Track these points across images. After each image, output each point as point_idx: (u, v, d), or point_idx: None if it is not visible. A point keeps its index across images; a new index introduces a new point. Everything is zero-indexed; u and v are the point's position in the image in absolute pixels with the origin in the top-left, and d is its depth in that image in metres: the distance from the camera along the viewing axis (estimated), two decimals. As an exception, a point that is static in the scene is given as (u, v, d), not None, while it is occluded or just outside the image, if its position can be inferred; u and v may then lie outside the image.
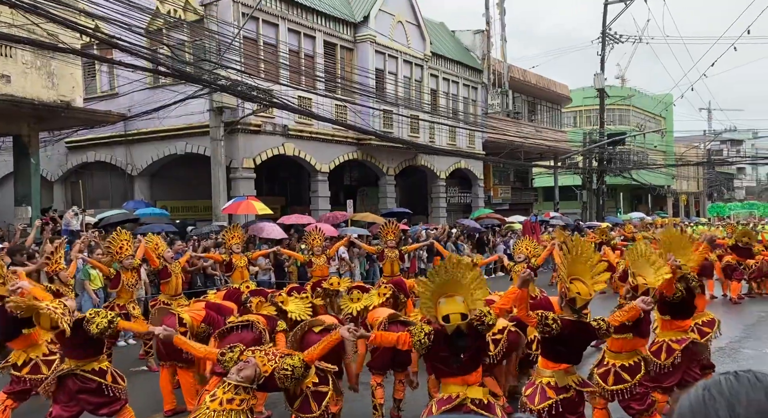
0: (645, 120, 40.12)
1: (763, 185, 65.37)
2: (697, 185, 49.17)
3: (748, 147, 62.08)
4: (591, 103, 34.28)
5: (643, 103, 39.97)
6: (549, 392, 3.94)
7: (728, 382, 0.86)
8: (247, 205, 13.18)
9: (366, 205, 20.80)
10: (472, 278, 3.76)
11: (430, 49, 21.10)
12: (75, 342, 4.36)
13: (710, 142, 49.71)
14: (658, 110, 38.07)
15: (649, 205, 40.64)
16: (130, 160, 17.17)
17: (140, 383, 6.76)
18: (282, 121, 15.91)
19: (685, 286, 5.24)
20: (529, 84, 27.49)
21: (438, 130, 21.24)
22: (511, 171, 29.50)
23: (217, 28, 13.51)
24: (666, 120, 42.23)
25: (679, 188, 45.79)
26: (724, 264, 12.42)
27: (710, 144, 49.62)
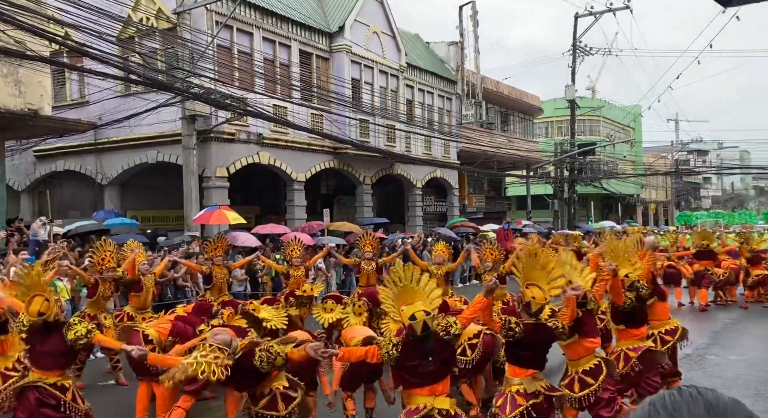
0: (615, 130, 41.06)
1: (728, 195, 67.33)
2: (665, 194, 50.40)
3: (714, 157, 64.03)
4: (562, 114, 34.94)
5: (613, 114, 40.93)
6: (519, 400, 4.03)
7: (671, 397, 0.90)
8: (219, 215, 13.03)
9: (343, 214, 20.78)
10: (424, 282, 3.99)
11: (406, 60, 21.30)
12: (46, 349, 4.26)
13: (677, 153, 51.09)
14: (627, 121, 39.00)
15: (620, 214, 41.49)
16: (100, 169, 16.85)
17: (108, 397, 6.60)
18: (257, 129, 15.83)
19: (636, 295, 5.38)
20: (502, 95, 27.92)
21: (414, 140, 21.40)
22: (485, 180, 29.83)
23: (191, 37, 13.41)
24: (635, 131, 43.29)
25: (648, 197, 46.87)
26: (693, 271, 12.73)
27: (677, 154, 51.00)
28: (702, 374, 7.36)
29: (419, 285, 3.95)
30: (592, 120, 39.51)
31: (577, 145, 28.24)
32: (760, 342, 9.39)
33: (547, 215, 31.64)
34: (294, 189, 17.46)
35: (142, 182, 16.99)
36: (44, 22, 10.44)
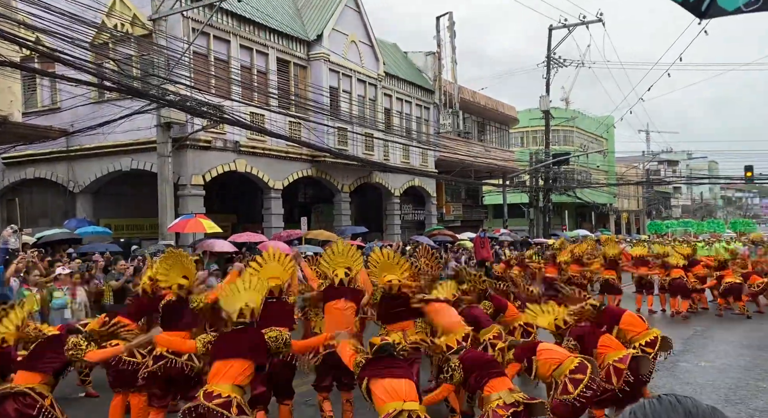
0: (588, 141, 41.84)
1: (698, 204, 69.05)
2: (637, 204, 51.46)
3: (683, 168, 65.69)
4: (537, 124, 35.51)
5: (586, 124, 41.71)
6: (500, 412, 4.13)
7: (651, 405, 0.92)
8: (195, 224, 12.85)
9: (320, 222, 20.70)
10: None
11: (384, 69, 21.41)
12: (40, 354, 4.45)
13: (648, 163, 52.28)
14: (600, 131, 39.80)
15: (593, 223, 42.19)
16: (72, 176, 16.50)
17: (79, 409, 6.43)
18: (233, 137, 15.70)
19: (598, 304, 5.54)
20: (479, 105, 28.24)
21: (392, 149, 21.47)
22: (463, 189, 30.06)
23: (166, 43, 13.27)
24: (608, 141, 44.17)
25: (620, 206, 47.79)
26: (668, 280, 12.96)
27: (648, 164, 52.18)
28: (674, 380, 7.49)
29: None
30: (566, 130, 40.22)
31: (551, 154, 28.68)
32: (731, 349, 9.60)
33: (523, 223, 32.01)
34: (271, 197, 17.34)
35: (116, 190, 16.68)
36: (15, 27, 10.22)
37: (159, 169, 13.81)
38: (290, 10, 19.34)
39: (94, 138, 14.55)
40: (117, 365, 5.41)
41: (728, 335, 10.84)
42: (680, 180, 53.98)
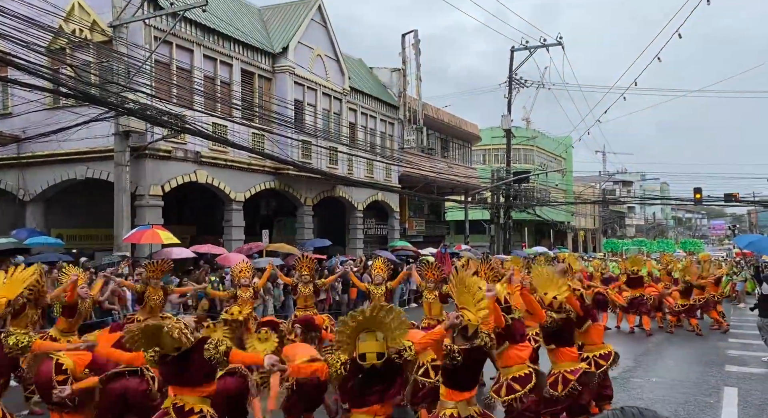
0: (547, 160, 42.93)
1: (650, 224, 71.53)
2: (593, 222, 52.92)
3: (637, 188, 68.07)
4: (499, 142, 36.25)
5: (546, 144, 42.82)
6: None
7: (615, 416, 0.94)
8: (152, 235, 12.52)
9: (283, 236, 20.47)
10: (395, 318, 3.79)
11: (349, 84, 21.51)
12: None
13: (604, 183, 53.95)
14: (559, 151, 40.92)
15: (551, 240, 43.14)
16: (22, 184, 15.85)
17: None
18: (194, 147, 15.43)
19: (565, 316, 5.61)
20: (442, 122, 28.65)
21: (356, 163, 21.50)
22: (426, 205, 30.31)
23: (127, 51, 13.00)
24: (566, 160, 45.45)
25: (577, 225, 49.05)
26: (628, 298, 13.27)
27: (604, 184, 53.85)
28: (626, 395, 7.66)
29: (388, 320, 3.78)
30: (527, 149, 41.19)
31: (512, 172, 29.28)
32: (680, 364, 9.91)
33: (484, 239, 32.44)
34: (232, 209, 17.06)
35: (69, 199, 16.11)
36: (-34, 28, 9.84)
37: (116, 178, 13.43)
38: (256, 22, 19.27)
39: (47, 145, 14.05)
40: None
41: (679, 351, 11.19)
42: (634, 200, 55.86)
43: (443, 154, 30.30)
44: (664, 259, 18.07)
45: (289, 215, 20.68)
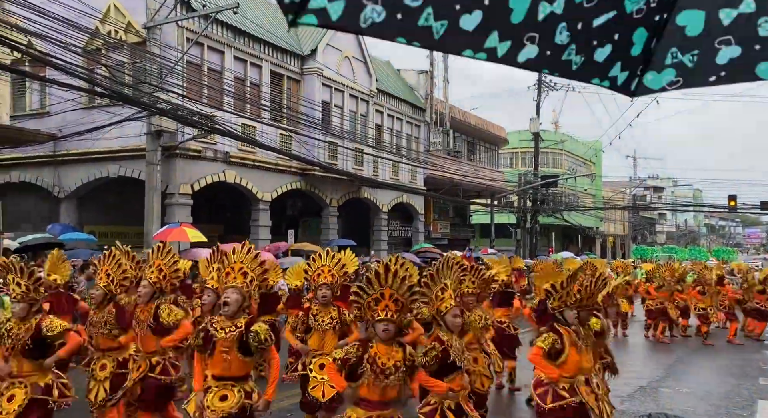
0: (576, 164, 42.30)
1: (682, 231, 69.86)
2: (623, 228, 51.92)
3: (669, 194, 66.60)
4: (526, 146, 35.87)
5: (575, 147, 42.20)
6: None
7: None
8: (179, 233, 12.73)
9: (307, 236, 20.61)
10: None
11: (376, 86, 21.57)
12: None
13: (635, 188, 52.91)
14: (588, 155, 40.29)
15: (579, 246, 42.48)
16: (57, 181, 16.31)
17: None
18: (224, 147, 15.66)
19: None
20: (469, 125, 28.49)
21: (381, 165, 21.53)
22: (451, 207, 30.16)
23: (160, 52, 13.27)
24: (595, 165, 44.72)
25: (606, 230, 48.20)
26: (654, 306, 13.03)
27: (635, 190, 52.81)
28: (655, 405, 7.48)
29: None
30: (555, 153, 40.66)
31: (540, 176, 28.94)
32: (712, 375, 9.63)
33: (509, 243, 32.11)
34: (259, 209, 17.26)
35: (102, 197, 16.50)
36: (7, 30, 10.17)
37: (147, 177, 13.71)
38: (285, 24, 19.40)
39: (81, 143, 14.42)
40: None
41: (711, 361, 10.89)
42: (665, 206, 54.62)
43: (470, 157, 30.12)
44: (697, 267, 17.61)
45: (315, 215, 20.81)
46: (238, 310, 3.93)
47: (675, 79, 1.56)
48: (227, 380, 3.88)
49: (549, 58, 1.43)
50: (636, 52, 1.55)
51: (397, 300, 3.54)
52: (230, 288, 3.96)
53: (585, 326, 4.62)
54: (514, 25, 1.34)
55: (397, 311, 3.54)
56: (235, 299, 3.92)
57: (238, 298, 3.93)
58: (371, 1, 1.20)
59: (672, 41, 1.53)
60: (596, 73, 1.54)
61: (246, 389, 3.91)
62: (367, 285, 3.58)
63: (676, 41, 1.53)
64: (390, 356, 3.55)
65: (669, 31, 1.53)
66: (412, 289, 3.60)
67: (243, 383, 3.92)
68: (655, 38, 1.54)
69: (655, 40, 1.55)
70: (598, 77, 1.55)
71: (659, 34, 1.54)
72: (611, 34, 1.48)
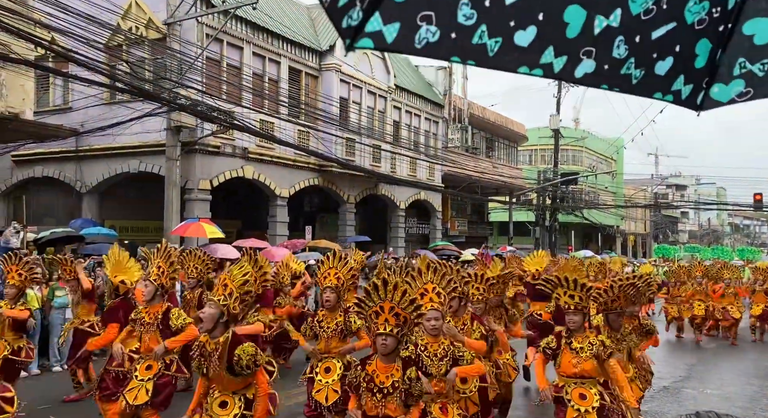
0: (597, 161, 41.72)
1: (705, 230, 68.56)
2: (644, 227, 51.13)
3: (692, 192, 65.41)
4: (546, 143, 35.46)
5: (596, 145, 41.61)
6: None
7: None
8: (197, 228, 12.80)
9: (325, 232, 20.64)
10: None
11: (394, 82, 21.48)
12: None
13: (657, 186, 52.05)
14: (609, 153, 39.70)
15: (599, 244, 41.93)
16: (79, 176, 16.55)
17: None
18: (242, 143, 15.72)
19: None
20: (488, 121, 28.24)
21: (399, 161, 21.46)
22: (469, 205, 29.96)
23: (180, 48, 13.36)
24: (616, 162, 44.05)
25: (627, 229, 47.50)
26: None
27: (657, 188, 51.95)
28: (678, 407, 7.32)
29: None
30: (575, 150, 40.14)
31: (559, 174, 28.59)
32: (736, 376, 9.41)
33: (528, 241, 31.80)
34: (277, 205, 17.31)
35: (122, 192, 16.70)
36: (31, 26, 10.30)
37: (167, 172, 13.82)
38: (304, 20, 19.48)
39: (103, 139, 14.59)
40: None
41: (734, 362, 10.64)
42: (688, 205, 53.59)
43: (488, 153, 29.88)
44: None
45: (332, 212, 20.82)
46: (214, 326, 3.75)
47: (745, 90, 1.51)
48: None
49: (607, 73, 1.41)
50: (700, 65, 1.50)
51: (398, 314, 3.41)
52: (209, 301, 3.84)
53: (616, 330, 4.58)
54: (569, 40, 1.32)
55: (397, 325, 3.41)
56: (209, 314, 3.74)
57: (213, 313, 3.75)
58: (425, 22, 1.21)
59: (739, 51, 1.48)
60: (658, 87, 1.49)
61: (247, 397, 3.82)
62: (366, 297, 3.50)
63: (744, 51, 1.48)
64: (389, 374, 3.44)
65: (735, 41, 1.48)
66: (414, 302, 3.49)
67: (245, 391, 3.85)
68: (720, 49, 1.49)
69: (721, 51, 1.49)
70: (661, 92, 1.51)
71: (724, 44, 1.49)
72: (672, 46, 1.43)
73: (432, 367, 3.80)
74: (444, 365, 3.79)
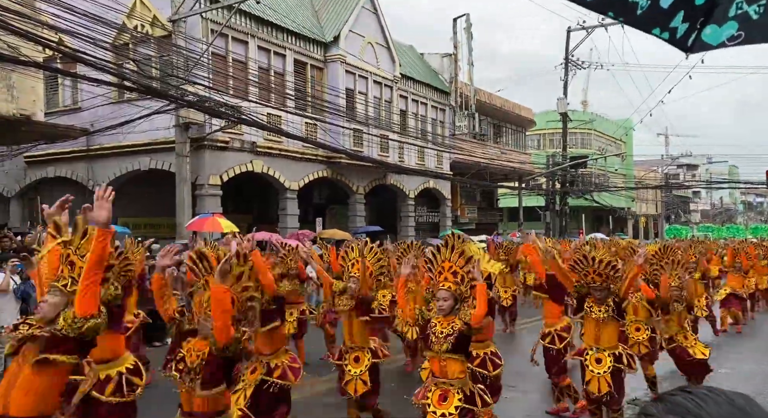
0: (606, 144, 41.41)
1: (717, 209, 67.97)
2: (655, 208, 50.78)
3: (703, 172, 64.77)
4: (554, 127, 35.23)
5: (605, 127, 41.27)
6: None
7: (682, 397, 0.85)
8: (212, 223, 12.94)
9: (335, 223, 20.72)
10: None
11: (400, 71, 21.40)
12: None
13: (667, 167, 51.60)
14: (618, 135, 39.38)
15: (611, 227, 41.73)
16: (91, 176, 16.72)
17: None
18: (250, 137, 15.80)
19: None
20: (495, 107, 28.09)
21: (407, 150, 21.45)
22: (478, 192, 29.91)
23: (185, 44, 13.40)
24: (626, 144, 43.69)
25: (638, 210, 47.21)
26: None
27: (667, 168, 51.50)
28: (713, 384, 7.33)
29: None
30: (584, 133, 39.87)
31: (568, 157, 28.42)
32: (755, 356, 9.40)
33: (538, 226, 31.67)
34: (287, 198, 17.40)
35: (134, 190, 16.85)
36: (38, 28, 10.39)
37: (177, 169, 13.94)
38: (308, 12, 19.42)
39: (113, 138, 14.74)
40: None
41: (751, 341, 10.62)
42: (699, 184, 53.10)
43: (496, 139, 29.75)
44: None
45: (341, 203, 20.89)
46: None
47: (737, 34, 1.50)
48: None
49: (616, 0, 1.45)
50: (701, 1, 1.50)
51: (456, 272, 3.88)
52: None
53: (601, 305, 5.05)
54: None
55: (455, 282, 3.88)
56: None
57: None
58: None
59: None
60: (659, 21, 1.51)
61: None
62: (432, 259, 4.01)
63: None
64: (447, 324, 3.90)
65: None
66: (470, 260, 3.93)
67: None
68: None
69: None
70: (659, 27, 1.52)
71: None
72: None
73: (436, 344, 3.92)
74: (446, 344, 3.87)
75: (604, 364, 4.93)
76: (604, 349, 5.01)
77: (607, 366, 4.92)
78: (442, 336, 3.87)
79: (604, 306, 5.00)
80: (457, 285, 3.93)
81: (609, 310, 4.97)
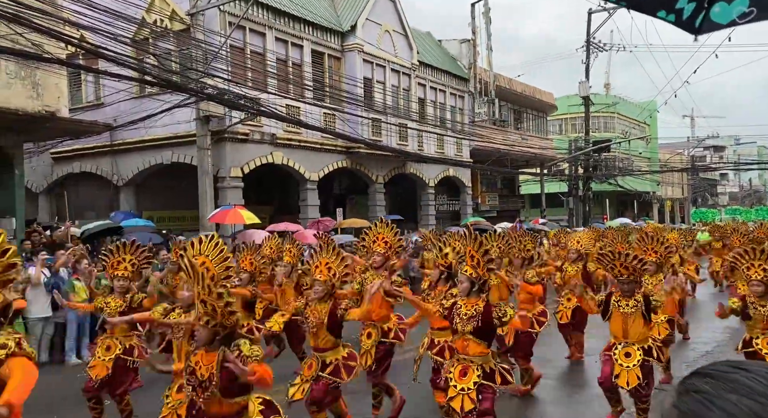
0: (630, 127, 40.62)
1: (746, 191, 66.32)
2: (681, 191, 49.77)
3: (731, 153, 63.17)
4: (576, 111, 34.65)
5: (628, 110, 40.47)
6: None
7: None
8: (234, 215, 13.09)
9: (355, 213, 20.78)
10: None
11: (417, 59, 21.23)
12: None
13: (694, 149, 50.45)
14: (642, 117, 38.54)
15: (635, 212, 41.06)
16: (115, 170, 17.02)
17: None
18: (270, 129, 15.87)
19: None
20: (515, 92, 27.73)
21: (426, 139, 21.33)
22: (499, 178, 29.67)
23: (204, 38, 13.48)
24: (650, 127, 42.78)
25: (664, 194, 46.33)
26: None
27: (694, 150, 50.36)
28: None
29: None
30: (607, 117, 39.13)
31: (591, 142, 27.98)
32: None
33: (561, 212, 31.38)
34: (307, 189, 17.49)
35: (157, 183, 17.11)
36: (60, 25, 10.55)
37: (199, 161, 14.09)
38: (324, 2, 19.35)
39: (135, 132, 14.94)
40: None
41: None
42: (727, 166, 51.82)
43: (516, 125, 29.41)
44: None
45: (361, 192, 20.91)
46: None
47: (748, 10, 1.43)
48: None
49: None
50: None
51: (473, 256, 4.27)
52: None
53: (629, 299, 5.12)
54: None
55: (472, 266, 4.26)
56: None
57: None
58: None
59: None
60: (664, 3, 1.46)
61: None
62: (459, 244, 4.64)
63: None
64: (470, 306, 4.25)
65: None
66: (488, 251, 4.29)
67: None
68: None
69: None
70: (665, 9, 1.47)
71: None
72: None
73: (459, 324, 4.26)
74: (469, 325, 4.20)
75: (633, 357, 4.93)
76: (633, 343, 5.00)
77: (636, 359, 4.91)
78: (466, 317, 4.24)
79: (632, 301, 5.01)
80: (473, 269, 4.29)
81: (638, 305, 5.01)
